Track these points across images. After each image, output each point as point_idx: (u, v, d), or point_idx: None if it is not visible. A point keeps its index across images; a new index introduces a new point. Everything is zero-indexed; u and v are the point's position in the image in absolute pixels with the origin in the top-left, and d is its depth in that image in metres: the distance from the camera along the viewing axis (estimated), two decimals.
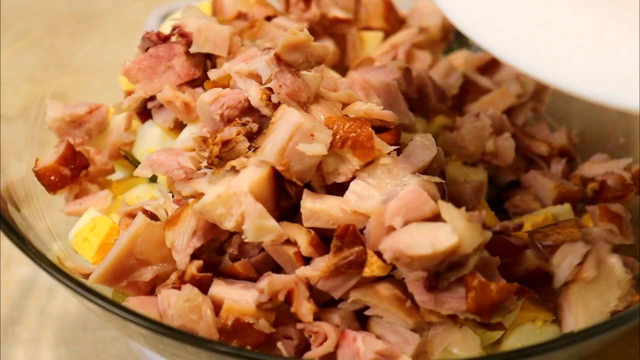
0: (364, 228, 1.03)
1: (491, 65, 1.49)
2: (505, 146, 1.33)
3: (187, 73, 1.22)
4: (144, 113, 1.27)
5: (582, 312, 1.05)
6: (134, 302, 1.03)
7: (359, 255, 1.00)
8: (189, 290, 1.02)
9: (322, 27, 1.43)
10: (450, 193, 1.14)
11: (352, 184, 1.04)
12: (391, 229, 0.99)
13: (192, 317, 1.00)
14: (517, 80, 1.44)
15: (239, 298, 1.02)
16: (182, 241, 1.05)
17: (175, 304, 1.00)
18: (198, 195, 1.05)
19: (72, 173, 1.22)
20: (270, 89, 1.07)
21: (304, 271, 1.02)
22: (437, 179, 1.03)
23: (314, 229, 1.04)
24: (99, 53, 1.57)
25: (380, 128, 1.09)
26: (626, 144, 1.47)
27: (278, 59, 1.08)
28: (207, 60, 1.24)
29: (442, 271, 0.96)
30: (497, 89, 1.42)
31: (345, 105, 1.14)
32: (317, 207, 1.02)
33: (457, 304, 0.97)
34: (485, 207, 1.26)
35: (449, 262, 0.95)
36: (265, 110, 1.08)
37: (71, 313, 1.42)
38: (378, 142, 1.05)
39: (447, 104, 1.40)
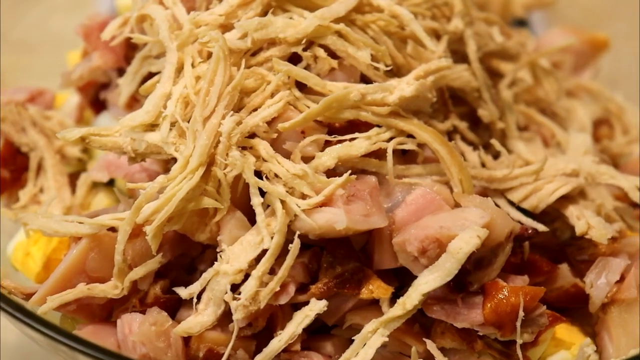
0: (366, 244, 0.94)
1: None
2: None
3: None
4: (98, 102, 1.15)
5: (624, 339, 0.96)
6: (87, 330, 0.96)
7: (355, 272, 0.91)
8: (157, 312, 0.92)
9: None
10: None
11: None
12: None
13: (159, 345, 0.91)
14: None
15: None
16: None
17: (140, 329, 0.91)
18: None
19: (12, 175, 1.13)
20: None
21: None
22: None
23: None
24: (43, 27, 1.46)
25: None
26: None
27: None
28: None
29: (470, 269, 0.89)
30: None
31: None
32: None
33: (474, 314, 0.89)
34: None
35: (476, 257, 0.88)
36: None
37: (9, 343, 1.30)
38: None
39: None
